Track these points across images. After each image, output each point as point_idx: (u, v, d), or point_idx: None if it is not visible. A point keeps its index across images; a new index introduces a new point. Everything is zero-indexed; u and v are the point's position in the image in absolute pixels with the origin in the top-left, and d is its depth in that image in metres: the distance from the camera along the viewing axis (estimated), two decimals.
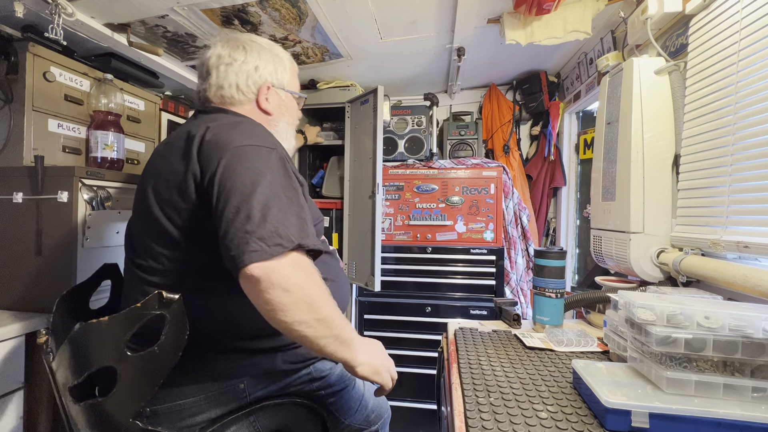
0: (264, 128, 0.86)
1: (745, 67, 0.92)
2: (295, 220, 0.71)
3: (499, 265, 1.99)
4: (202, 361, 0.79)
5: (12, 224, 1.29)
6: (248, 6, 1.40)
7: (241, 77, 0.92)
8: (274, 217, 0.68)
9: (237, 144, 0.74)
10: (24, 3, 1.22)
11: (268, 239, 0.66)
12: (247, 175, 0.70)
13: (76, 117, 1.48)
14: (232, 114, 0.91)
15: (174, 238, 0.78)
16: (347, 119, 2.15)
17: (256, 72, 0.93)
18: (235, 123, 0.82)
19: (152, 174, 0.85)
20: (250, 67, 0.93)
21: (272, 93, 0.96)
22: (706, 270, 0.94)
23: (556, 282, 1.07)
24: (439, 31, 1.68)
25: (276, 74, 0.97)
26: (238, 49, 0.93)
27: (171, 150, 0.83)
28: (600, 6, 1.45)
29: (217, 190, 0.71)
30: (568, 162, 2.25)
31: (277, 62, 0.97)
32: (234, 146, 0.74)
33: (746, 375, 0.61)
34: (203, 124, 0.81)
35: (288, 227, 0.68)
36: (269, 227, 0.66)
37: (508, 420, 0.63)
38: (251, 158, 0.73)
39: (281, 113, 0.99)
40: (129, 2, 1.34)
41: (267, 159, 0.74)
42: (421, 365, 2.00)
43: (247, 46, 0.94)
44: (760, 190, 0.88)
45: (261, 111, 0.95)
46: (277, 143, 0.82)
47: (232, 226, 0.67)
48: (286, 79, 0.99)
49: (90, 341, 0.68)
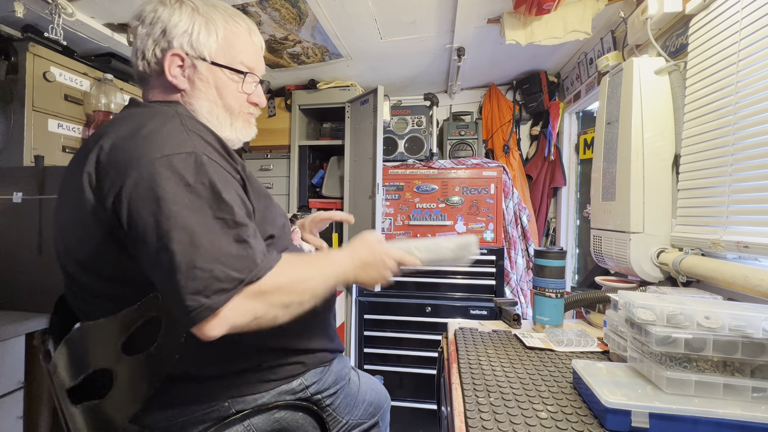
0: (176, 119, 0.65)
1: (745, 67, 0.91)
2: (234, 248, 0.58)
3: (499, 265, 1.98)
4: (172, 389, 0.69)
5: (12, 224, 1.29)
6: (248, 6, 1.40)
7: (148, 42, 0.73)
8: (205, 257, 0.55)
9: (142, 161, 0.57)
10: (24, 3, 1.22)
11: (205, 290, 0.54)
12: (157, 209, 0.55)
13: (76, 117, 1.48)
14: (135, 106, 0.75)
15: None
16: (347, 119, 2.15)
17: (164, 36, 0.72)
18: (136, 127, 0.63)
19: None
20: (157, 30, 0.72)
21: (186, 65, 0.74)
22: (706, 270, 0.94)
23: (556, 282, 1.07)
24: (439, 31, 1.68)
25: (192, 38, 0.73)
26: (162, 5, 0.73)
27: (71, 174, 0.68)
28: (600, 6, 1.45)
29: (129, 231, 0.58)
30: (568, 162, 2.25)
31: (202, 24, 0.74)
32: (136, 166, 0.57)
33: (746, 375, 0.61)
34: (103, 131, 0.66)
35: (226, 262, 0.56)
36: (201, 274, 0.54)
37: (508, 420, 0.63)
38: (160, 180, 0.56)
39: (200, 89, 0.75)
40: (129, 2, 1.34)
41: (182, 174, 0.57)
42: (421, 365, 2.00)
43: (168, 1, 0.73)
44: (760, 190, 0.88)
45: (171, 86, 0.75)
46: (198, 138, 0.63)
47: (159, 282, 0.57)
48: (212, 47, 0.75)
49: (87, 343, 0.68)
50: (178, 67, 0.74)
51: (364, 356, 2.06)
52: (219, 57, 0.76)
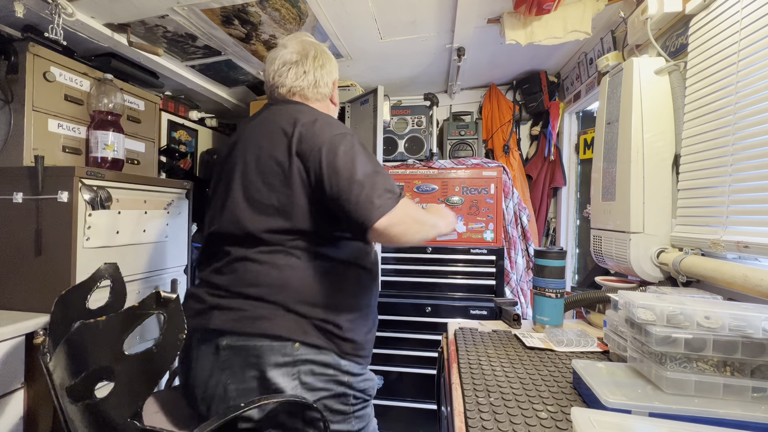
0: (333, 117, 1.09)
1: (745, 67, 0.91)
2: (389, 180, 0.91)
3: (499, 265, 1.98)
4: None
5: (12, 224, 1.29)
6: (248, 6, 1.40)
7: (326, 77, 1.13)
8: (382, 183, 0.89)
9: (331, 133, 0.93)
10: (24, 3, 1.22)
11: (382, 196, 0.87)
12: (348, 159, 0.89)
13: (76, 117, 1.48)
14: (309, 107, 1.07)
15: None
16: (347, 119, 2.15)
17: (330, 75, 1.15)
18: (322, 115, 1.00)
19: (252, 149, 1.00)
20: (327, 70, 1.14)
21: (335, 89, 1.20)
22: (706, 270, 0.94)
23: (556, 282, 1.07)
24: (439, 31, 1.68)
25: (336, 75, 1.20)
26: (325, 55, 1.15)
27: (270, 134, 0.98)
28: (600, 6, 1.45)
29: (327, 172, 0.89)
30: (568, 162, 2.25)
31: (336, 66, 1.20)
32: (330, 135, 0.92)
33: (746, 375, 0.61)
34: (293, 115, 0.98)
35: (392, 186, 0.90)
36: (379, 190, 0.87)
37: (508, 420, 0.63)
38: (346, 144, 0.91)
39: (337, 103, 1.25)
40: (129, 2, 1.34)
41: (353, 143, 0.93)
42: (421, 365, 2.00)
43: (327, 52, 1.16)
44: (760, 190, 0.88)
45: (332, 103, 1.20)
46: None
47: (347, 201, 0.87)
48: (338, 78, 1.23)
49: (88, 341, 0.68)
50: (334, 91, 1.19)
51: None
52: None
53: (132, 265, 1.51)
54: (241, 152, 1.00)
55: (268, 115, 1.03)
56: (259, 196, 0.93)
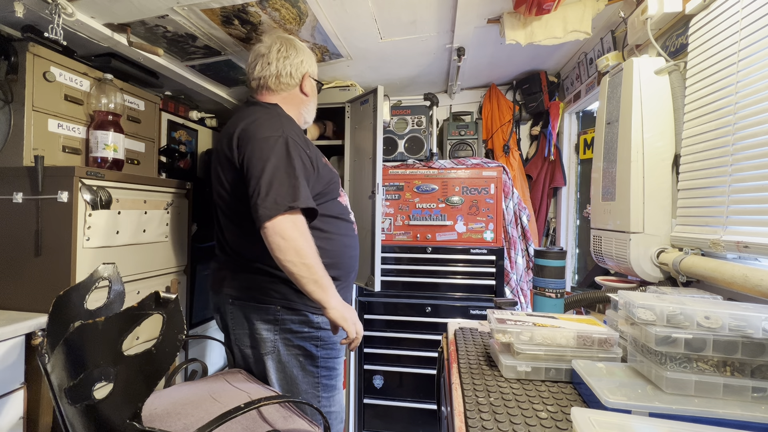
0: (278, 118, 1.19)
1: (745, 67, 0.91)
2: (288, 189, 1.04)
3: (499, 265, 1.98)
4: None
5: (12, 224, 1.29)
6: (248, 6, 1.40)
7: (289, 68, 1.27)
8: (275, 190, 1.03)
9: (257, 137, 1.11)
10: (24, 3, 1.22)
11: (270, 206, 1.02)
12: (258, 162, 1.07)
13: (76, 117, 1.48)
14: (262, 107, 1.24)
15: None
16: (347, 119, 2.14)
17: (296, 67, 1.29)
18: (261, 118, 1.16)
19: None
20: (292, 62, 1.28)
21: (308, 80, 1.34)
22: (706, 270, 0.94)
23: (556, 282, 1.07)
24: (439, 31, 1.68)
25: (311, 67, 1.34)
26: (291, 47, 1.29)
27: (225, 137, 1.21)
28: (600, 6, 1.45)
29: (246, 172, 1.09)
30: (568, 162, 2.25)
31: (311, 58, 1.36)
32: (255, 138, 1.11)
33: (746, 375, 0.61)
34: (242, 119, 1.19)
35: (284, 195, 1.03)
36: (270, 197, 1.03)
37: (508, 420, 0.62)
38: (263, 148, 1.08)
39: (313, 95, 1.38)
40: (129, 2, 1.34)
41: (273, 146, 1.08)
42: (421, 365, 2.00)
43: (297, 45, 1.32)
44: (760, 190, 0.88)
45: (303, 94, 1.33)
46: (287, 128, 1.14)
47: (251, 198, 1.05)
48: (315, 71, 1.38)
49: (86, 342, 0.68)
50: (305, 81, 1.36)
51: (364, 356, 2.06)
52: (315, 75, 1.45)
53: (132, 266, 1.51)
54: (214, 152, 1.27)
55: (231, 120, 1.25)
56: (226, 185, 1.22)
